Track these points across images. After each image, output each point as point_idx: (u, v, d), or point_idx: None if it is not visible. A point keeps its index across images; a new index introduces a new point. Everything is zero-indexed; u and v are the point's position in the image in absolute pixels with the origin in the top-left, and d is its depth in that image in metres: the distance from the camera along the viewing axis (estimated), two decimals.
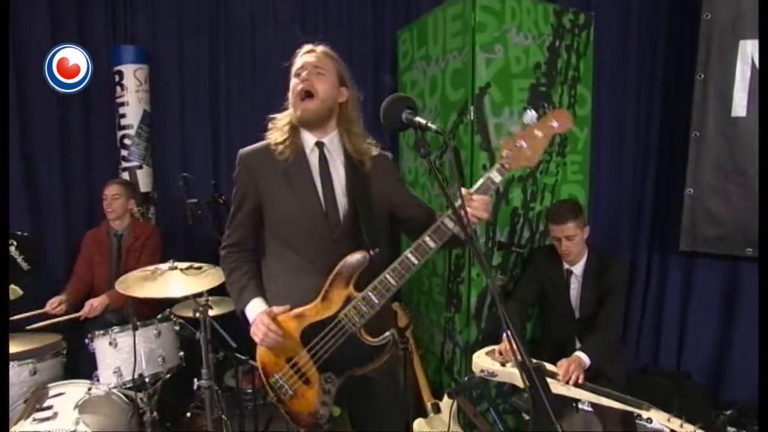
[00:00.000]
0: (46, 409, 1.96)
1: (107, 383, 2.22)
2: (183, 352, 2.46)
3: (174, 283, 2.14)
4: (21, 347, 2.26)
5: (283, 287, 1.50)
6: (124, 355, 2.26)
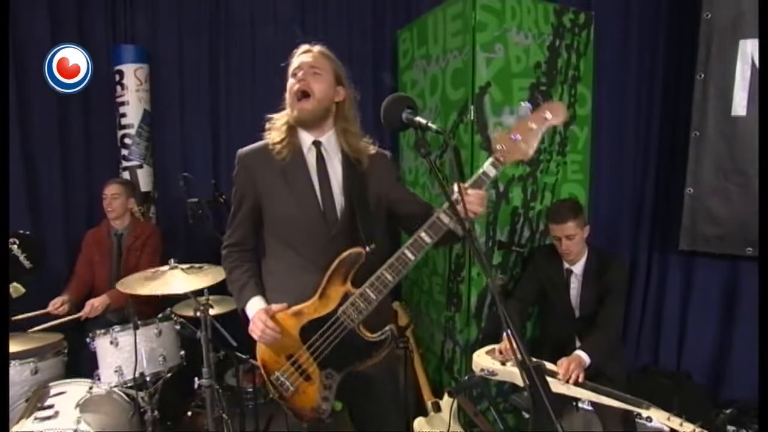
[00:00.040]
0: (47, 408, 1.96)
1: (108, 382, 2.23)
2: (184, 351, 2.46)
3: (175, 281, 2.15)
4: (22, 346, 2.25)
5: (282, 285, 1.51)
6: (125, 354, 2.26)
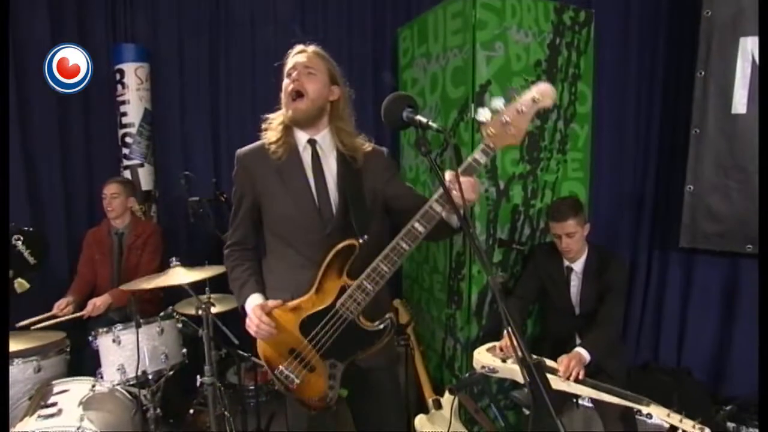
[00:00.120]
0: (50, 405, 1.96)
1: (111, 380, 2.23)
2: (186, 350, 2.47)
3: (178, 274, 2.18)
4: (25, 345, 2.26)
5: (282, 283, 1.53)
6: (128, 352, 2.27)
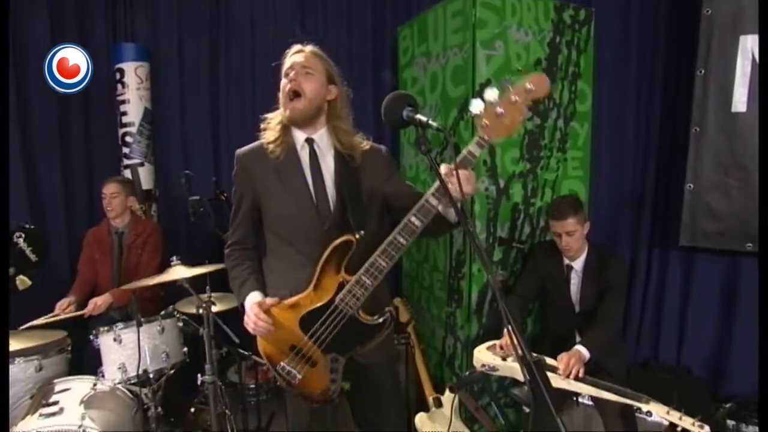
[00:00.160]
0: (52, 404, 1.96)
1: (112, 379, 2.24)
2: (186, 348, 2.47)
3: (179, 273, 2.19)
4: (26, 344, 2.26)
5: (282, 282, 1.54)
6: (129, 351, 2.28)
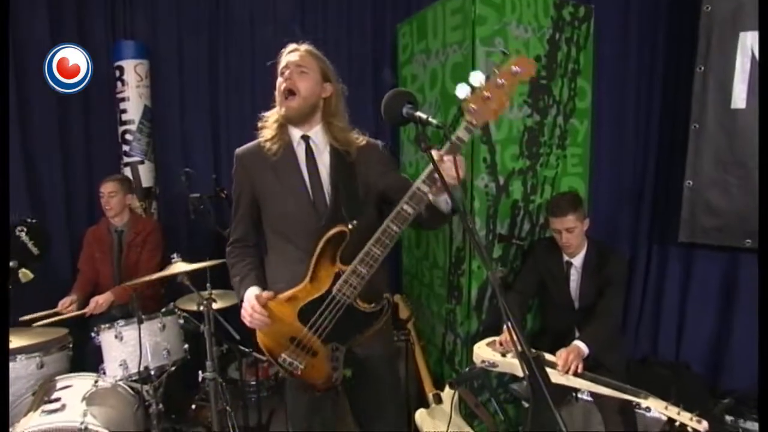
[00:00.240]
0: (54, 401, 1.97)
1: (113, 376, 2.25)
2: (187, 345, 2.48)
3: (180, 268, 2.20)
4: (28, 341, 2.28)
5: (281, 277, 1.56)
6: (130, 348, 2.29)
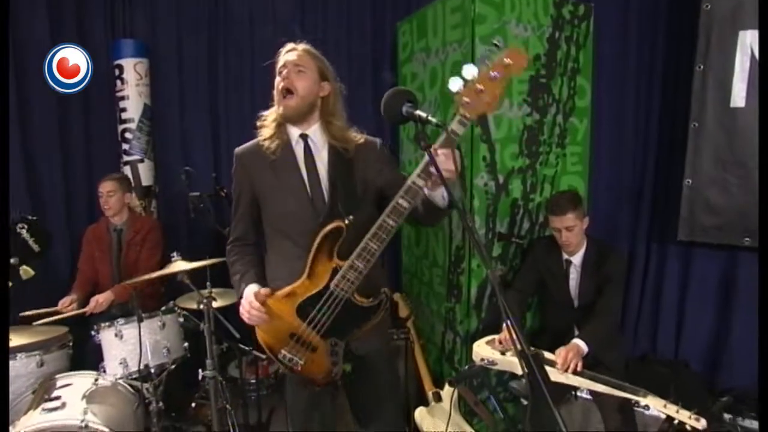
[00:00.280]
0: (54, 399, 1.98)
1: (113, 374, 2.25)
2: (187, 344, 2.48)
3: (180, 266, 2.20)
4: (28, 339, 2.28)
5: (281, 275, 1.56)
6: (130, 346, 2.29)
